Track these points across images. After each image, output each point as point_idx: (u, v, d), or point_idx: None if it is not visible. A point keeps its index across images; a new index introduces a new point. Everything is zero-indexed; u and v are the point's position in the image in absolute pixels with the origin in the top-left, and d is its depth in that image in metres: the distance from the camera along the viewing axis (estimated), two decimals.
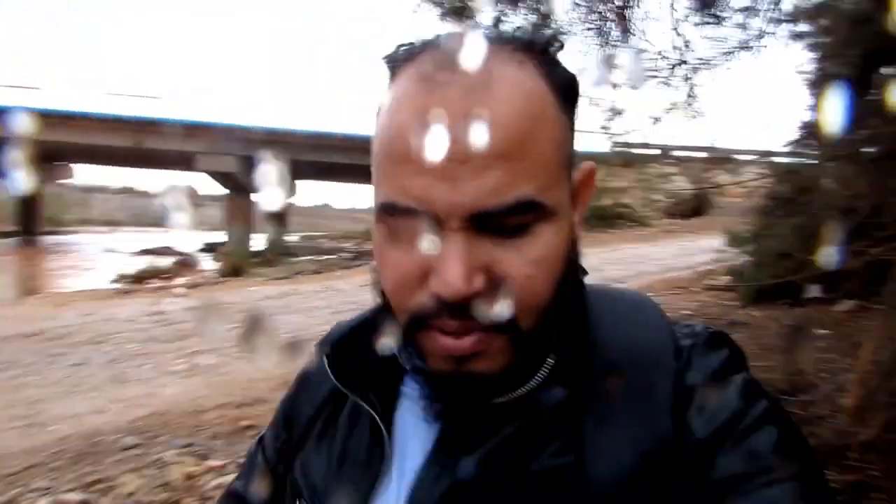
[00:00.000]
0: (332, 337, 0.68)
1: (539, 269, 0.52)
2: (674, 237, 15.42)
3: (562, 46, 0.58)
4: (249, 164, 25.51)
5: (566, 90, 0.56)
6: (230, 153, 24.09)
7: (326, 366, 0.65)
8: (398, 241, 0.53)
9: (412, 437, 0.62)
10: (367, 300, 0.63)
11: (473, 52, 0.50)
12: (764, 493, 0.49)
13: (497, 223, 0.50)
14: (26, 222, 34.18)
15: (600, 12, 3.32)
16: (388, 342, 0.58)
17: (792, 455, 0.51)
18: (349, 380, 0.65)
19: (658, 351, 0.57)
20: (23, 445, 3.80)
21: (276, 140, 26.21)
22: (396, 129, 0.52)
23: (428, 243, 0.50)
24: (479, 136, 0.48)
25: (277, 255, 19.71)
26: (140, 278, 13.06)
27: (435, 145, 0.48)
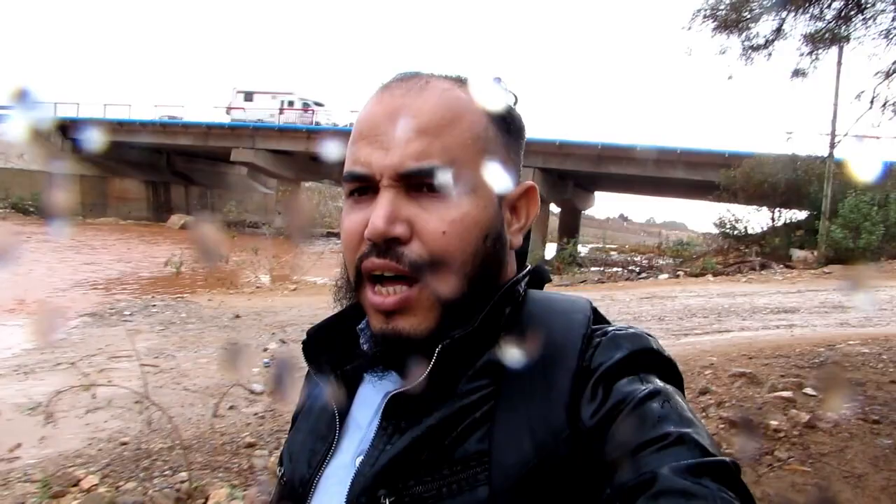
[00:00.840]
0: (312, 328, 0.74)
1: (452, 228, 0.62)
2: None
3: (511, 94, 0.72)
4: (546, 176, 26.59)
5: (501, 115, 0.69)
6: (528, 165, 25.06)
7: (302, 352, 0.73)
8: (354, 206, 0.66)
9: (367, 413, 0.69)
10: (642, 311, 0.72)
11: (423, 73, 0.69)
12: (646, 461, 0.52)
13: (419, 183, 0.63)
14: None
15: None
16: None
17: (671, 423, 0.54)
18: (319, 364, 0.72)
19: (566, 349, 0.62)
20: None
21: (570, 153, 26.82)
22: (357, 119, 0.67)
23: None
24: (407, 116, 0.64)
25: (565, 264, 20.22)
26: None
27: (376, 123, 0.65)
